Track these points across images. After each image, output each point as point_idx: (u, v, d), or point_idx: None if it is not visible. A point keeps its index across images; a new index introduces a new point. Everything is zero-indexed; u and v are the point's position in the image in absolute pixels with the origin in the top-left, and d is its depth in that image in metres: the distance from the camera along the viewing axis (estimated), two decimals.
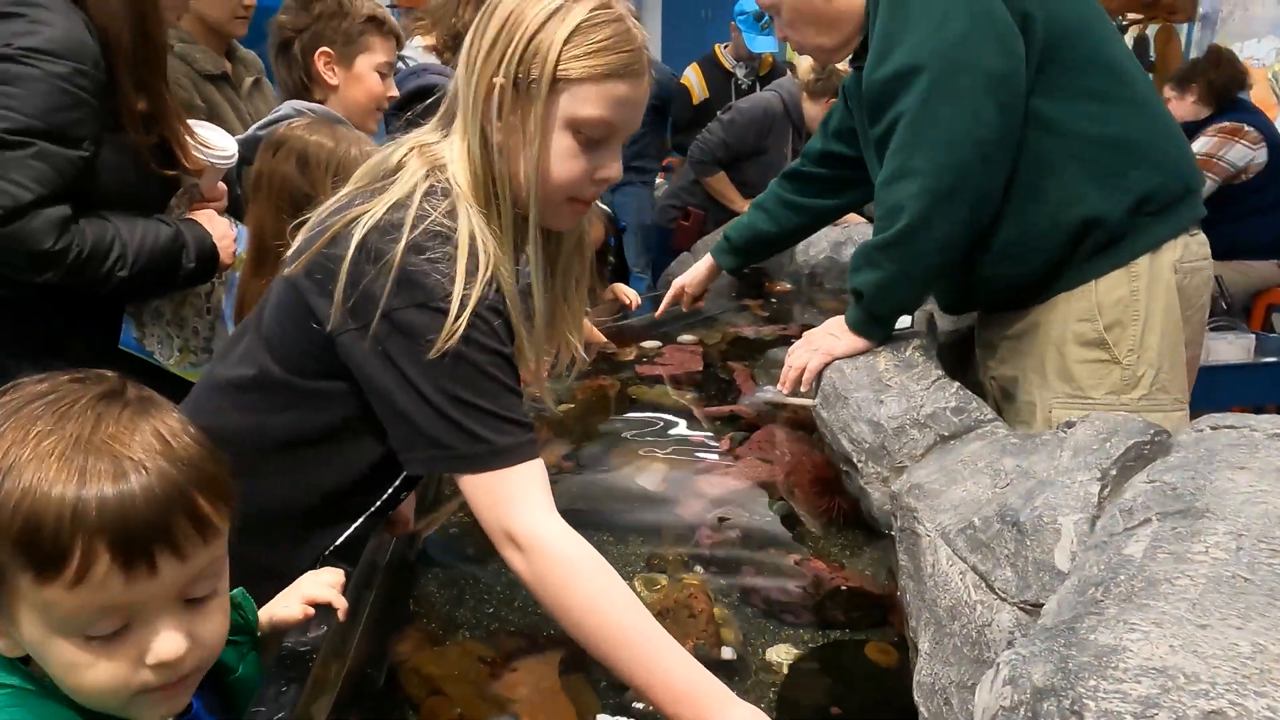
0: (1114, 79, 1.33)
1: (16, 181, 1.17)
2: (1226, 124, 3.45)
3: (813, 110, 3.08)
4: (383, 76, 1.74)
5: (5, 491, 0.53)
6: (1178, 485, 0.69)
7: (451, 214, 0.90)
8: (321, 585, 0.88)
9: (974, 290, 1.47)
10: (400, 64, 2.32)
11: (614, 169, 0.95)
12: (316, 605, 0.87)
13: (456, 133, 0.95)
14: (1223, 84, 3.63)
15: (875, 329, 1.40)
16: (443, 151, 0.95)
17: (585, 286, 1.09)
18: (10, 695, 0.58)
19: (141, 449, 0.57)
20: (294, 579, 0.91)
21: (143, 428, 0.58)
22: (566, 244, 1.05)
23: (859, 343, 1.40)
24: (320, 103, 1.72)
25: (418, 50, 2.37)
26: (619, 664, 0.84)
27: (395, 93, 1.78)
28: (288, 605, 0.86)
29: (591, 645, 0.86)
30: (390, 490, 1.03)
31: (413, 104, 2.24)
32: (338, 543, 1.01)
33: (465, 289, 0.85)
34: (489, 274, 0.88)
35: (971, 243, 1.34)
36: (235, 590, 0.79)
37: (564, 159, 0.92)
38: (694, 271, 2.05)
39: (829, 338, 1.43)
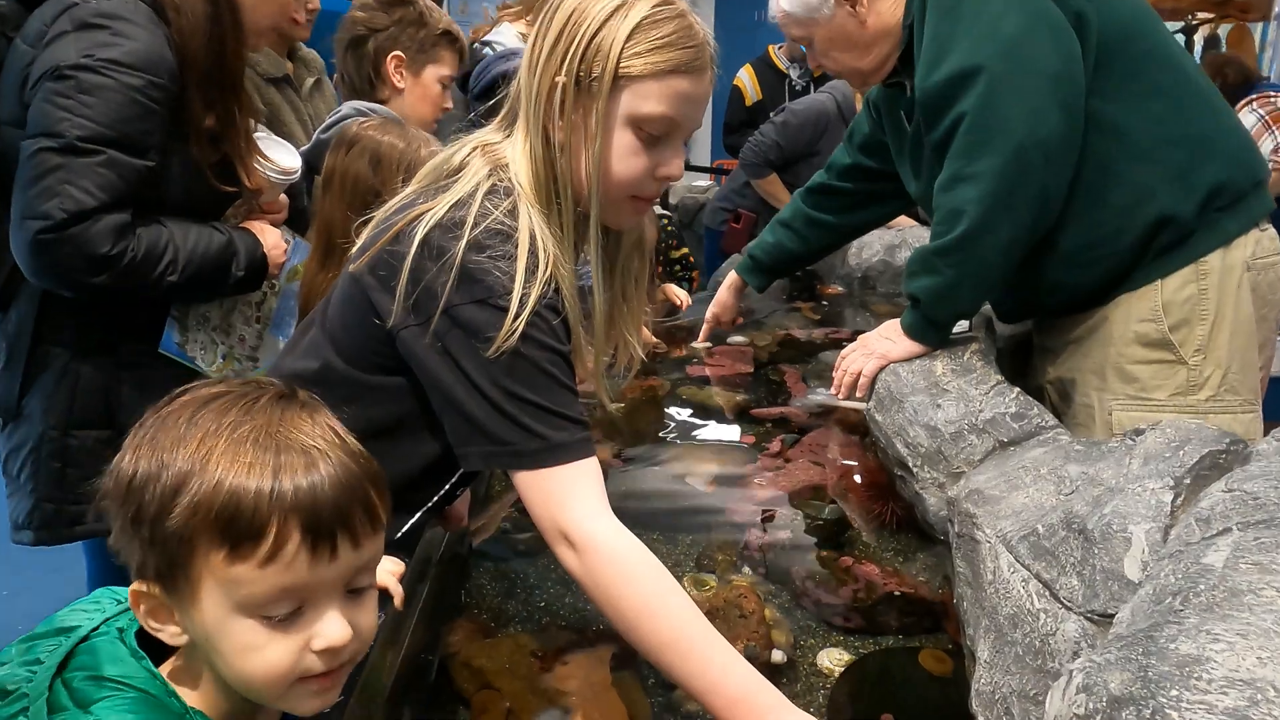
0: (1173, 74, 1.30)
1: (84, 188, 1.21)
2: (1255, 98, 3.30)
3: None
4: (444, 88, 1.79)
5: (207, 475, 0.57)
6: (1260, 495, 0.66)
7: (513, 213, 0.90)
8: (382, 572, 0.88)
9: (1034, 297, 1.43)
10: (485, 49, 2.36)
11: (676, 166, 0.95)
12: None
13: (519, 132, 0.96)
14: (1238, 84, 3.48)
15: (932, 334, 1.37)
16: (505, 151, 0.96)
17: (645, 286, 1.08)
18: (132, 701, 0.59)
19: (324, 441, 0.61)
20: None
21: (320, 423, 0.62)
22: (626, 242, 1.05)
23: (914, 347, 1.38)
24: (382, 103, 1.76)
25: (510, 35, 2.40)
26: (672, 667, 0.83)
27: (450, 104, 1.83)
28: None
29: (645, 647, 0.85)
30: (447, 486, 1.04)
31: (500, 88, 2.28)
32: (395, 537, 1.02)
33: (525, 288, 0.86)
34: (548, 273, 0.88)
35: (1033, 249, 1.30)
36: None
37: (625, 156, 0.92)
38: (720, 296, 2.03)
39: (884, 341, 1.41)
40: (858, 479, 1.46)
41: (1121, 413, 1.31)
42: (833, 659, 1.04)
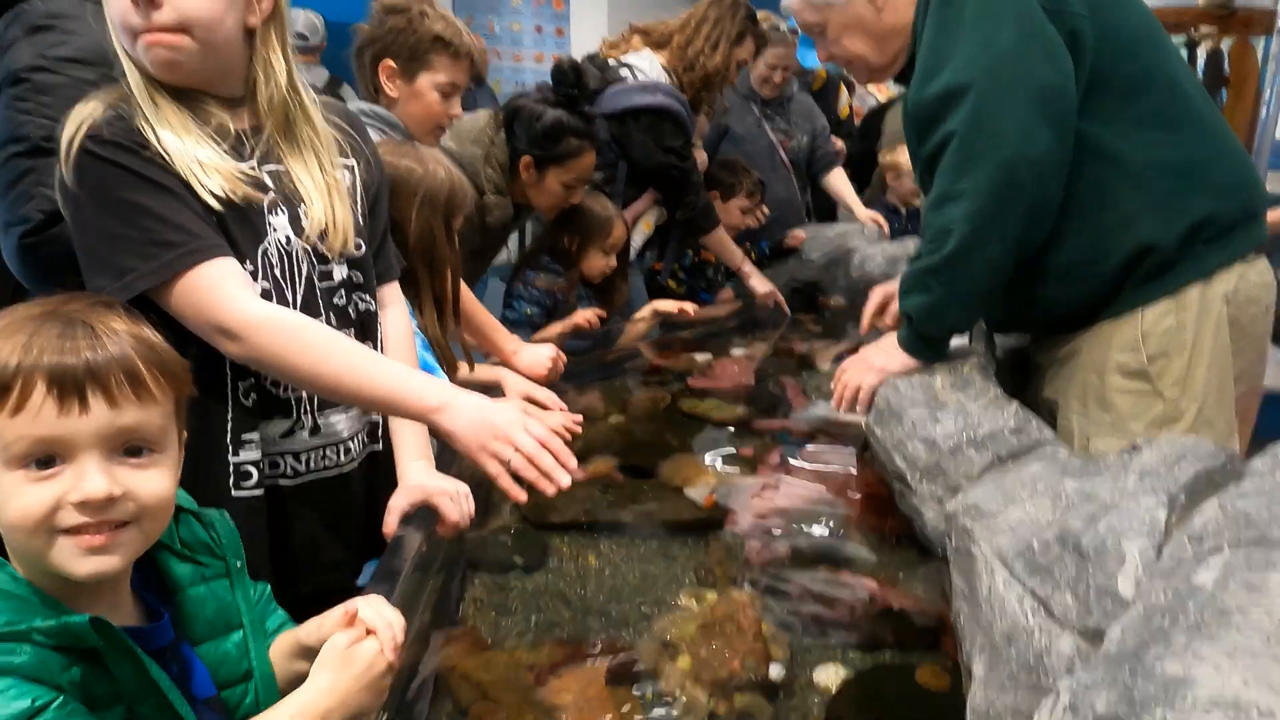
0: (1171, 99, 1.28)
1: (54, 187, 1.22)
2: None
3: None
4: (445, 96, 1.74)
5: None
6: (1251, 513, 0.66)
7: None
8: (372, 611, 0.82)
9: (1022, 310, 1.42)
10: (628, 73, 2.36)
11: None
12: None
13: None
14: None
15: (927, 350, 1.37)
16: None
17: (332, 154, 1.13)
18: None
19: (98, 319, 0.67)
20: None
21: (119, 314, 0.69)
22: (263, 100, 1.07)
23: (911, 362, 1.38)
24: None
25: (654, 64, 2.42)
26: (355, 394, 1.03)
27: (457, 112, 1.79)
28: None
29: (324, 389, 1.03)
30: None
31: (644, 119, 2.24)
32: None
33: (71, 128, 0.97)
34: (99, 111, 0.99)
35: (1021, 264, 1.30)
36: (213, 510, 0.82)
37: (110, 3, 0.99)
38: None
39: (883, 355, 1.41)
40: (857, 493, 1.46)
41: (1099, 441, 1.30)
42: (830, 675, 1.04)
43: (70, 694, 0.62)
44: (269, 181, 1.07)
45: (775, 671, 1.02)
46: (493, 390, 1.61)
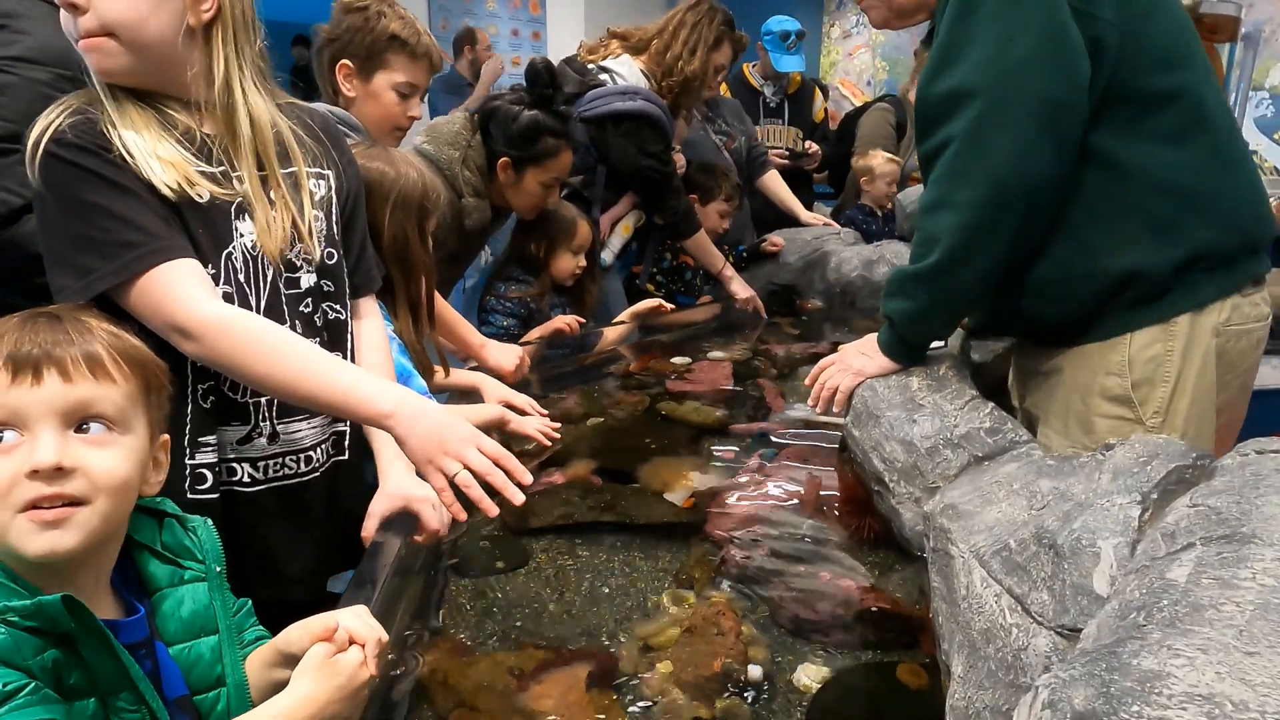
0: (1190, 119, 1.21)
1: (7, 188, 1.21)
2: None
3: None
4: (404, 97, 1.72)
5: None
6: (1223, 510, 0.68)
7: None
8: (354, 619, 0.81)
9: (1002, 319, 1.41)
10: (607, 78, 2.35)
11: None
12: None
13: None
14: None
15: (906, 354, 1.38)
16: None
17: (300, 156, 1.13)
18: None
19: (71, 316, 0.70)
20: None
21: (92, 313, 0.72)
22: (234, 111, 1.07)
23: (889, 365, 1.39)
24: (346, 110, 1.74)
25: (633, 70, 2.41)
26: (310, 397, 1.02)
27: (417, 113, 1.77)
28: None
29: (278, 391, 1.03)
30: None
31: (624, 124, 2.19)
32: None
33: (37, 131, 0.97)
34: (59, 116, 0.98)
35: (1007, 274, 1.28)
36: (196, 517, 0.82)
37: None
38: None
39: (861, 357, 1.42)
40: (835, 494, 1.47)
41: None
42: (810, 675, 1.05)
43: (42, 679, 0.61)
44: (236, 186, 1.06)
45: (755, 673, 1.03)
46: (471, 395, 1.61)
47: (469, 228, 2.02)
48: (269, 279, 1.08)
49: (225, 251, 1.05)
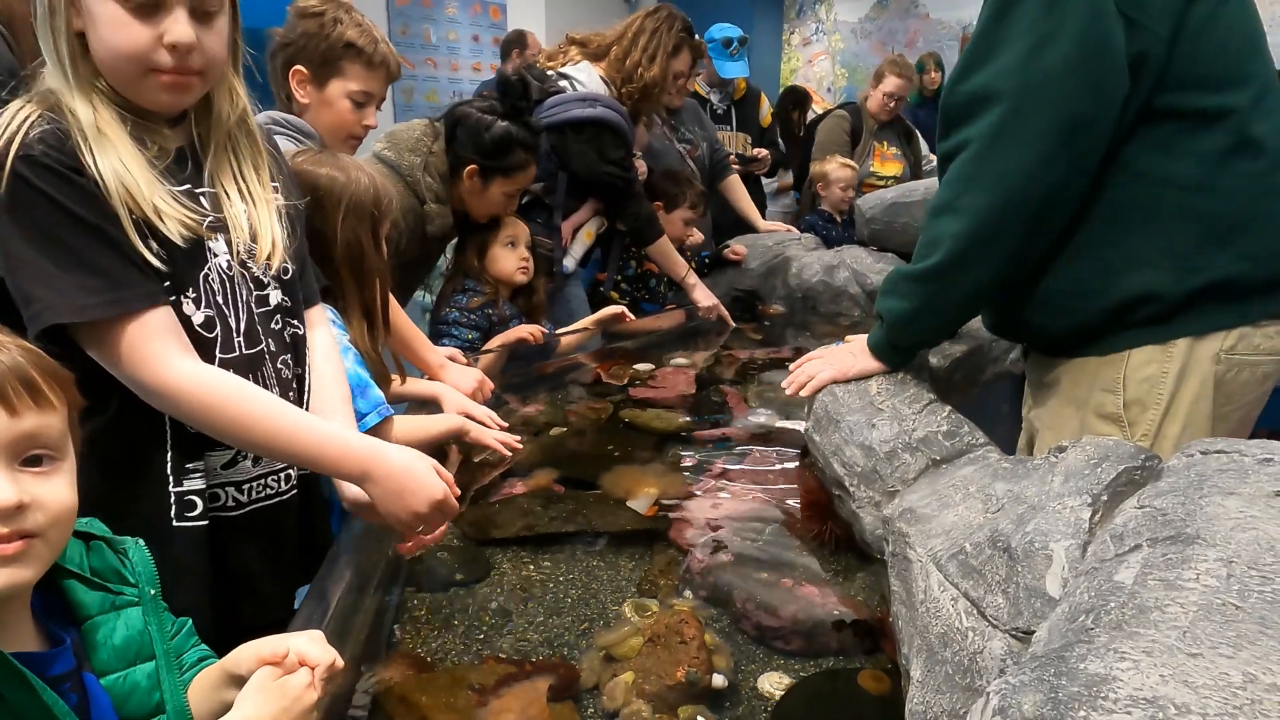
0: (1233, 143, 1.14)
1: None
2: None
3: None
4: (359, 105, 1.69)
5: None
6: (1168, 510, 0.69)
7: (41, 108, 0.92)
8: (306, 642, 0.79)
9: (1013, 327, 1.39)
10: (566, 84, 2.33)
11: (179, 31, 0.92)
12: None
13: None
14: None
15: (892, 355, 1.37)
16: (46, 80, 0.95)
17: (266, 174, 1.10)
18: None
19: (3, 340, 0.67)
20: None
21: (6, 335, 0.69)
22: (220, 127, 1.04)
23: (874, 365, 1.38)
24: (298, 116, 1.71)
25: (591, 76, 2.40)
26: (285, 457, 1.05)
27: (372, 122, 1.75)
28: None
29: (251, 449, 1.05)
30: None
31: (585, 131, 2.17)
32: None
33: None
34: (25, 131, 0.89)
35: (1020, 282, 1.26)
36: (128, 538, 0.80)
37: (117, 28, 0.91)
38: None
39: (847, 356, 1.41)
40: (797, 500, 1.48)
41: None
42: (773, 682, 1.05)
43: None
44: (207, 204, 1.03)
45: (719, 681, 1.02)
46: (430, 406, 1.59)
47: (430, 234, 2.00)
48: (244, 298, 1.05)
49: (202, 273, 1.01)
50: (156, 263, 0.95)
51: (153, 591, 0.78)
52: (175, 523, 1.02)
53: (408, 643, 1.12)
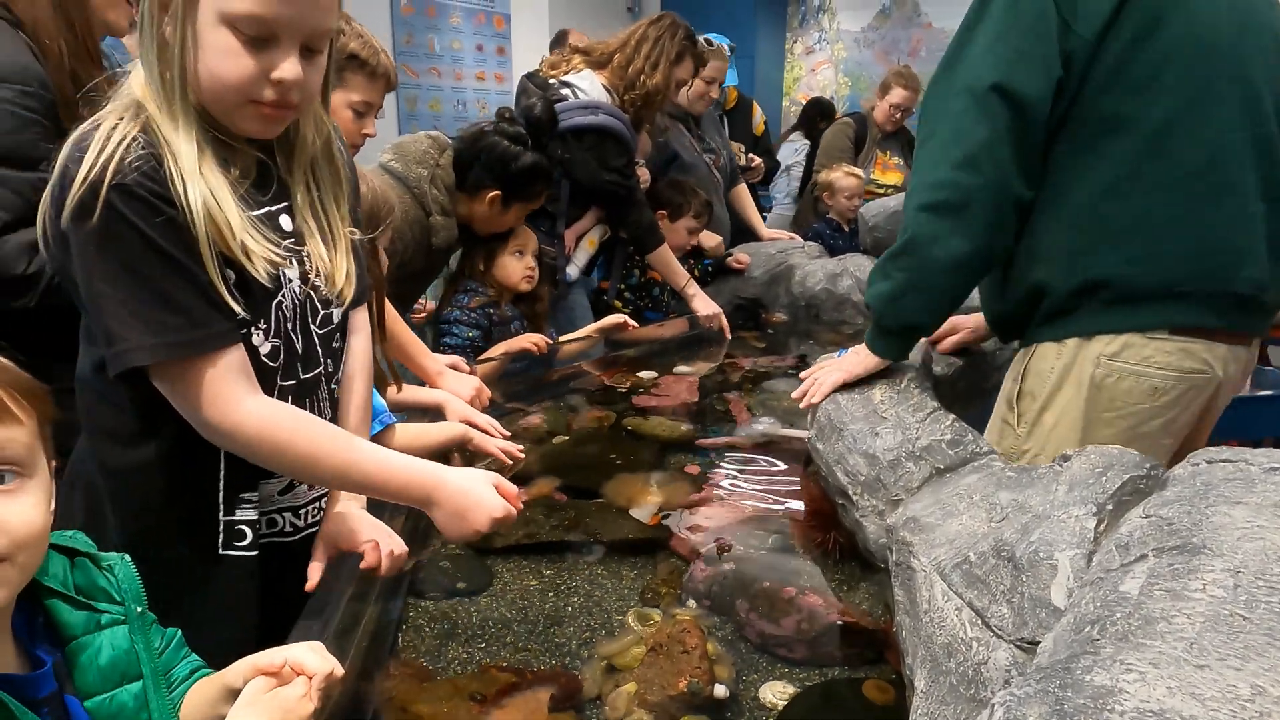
0: (1145, 149, 1.19)
1: None
2: None
3: None
4: (359, 115, 1.70)
5: None
6: (1174, 520, 0.68)
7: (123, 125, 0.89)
8: (313, 653, 0.79)
9: (986, 312, 1.48)
10: (569, 92, 2.34)
11: (288, 69, 0.90)
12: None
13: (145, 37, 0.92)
14: None
15: (883, 344, 1.38)
16: (130, 81, 0.93)
17: (344, 203, 1.08)
18: None
19: None
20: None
21: None
22: (303, 153, 1.03)
23: (871, 361, 1.39)
24: None
25: (594, 84, 2.41)
26: (353, 488, 1.05)
27: (372, 131, 1.75)
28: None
29: (320, 483, 1.07)
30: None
31: (587, 139, 2.18)
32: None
33: (92, 176, 0.85)
34: (115, 161, 0.86)
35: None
36: (114, 554, 0.78)
37: (226, 57, 0.89)
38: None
39: (852, 356, 1.43)
40: (801, 508, 1.47)
41: None
42: (776, 692, 1.04)
43: None
44: (286, 225, 1.01)
45: (721, 691, 1.02)
46: (434, 414, 1.59)
47: (436, 245, 2.01)
48: (310, 322, 1.04)
49: (275, 301, 0.99)
50: (235, 305, 0.92)
51: (139, 609, 0.77)
52: (222, 550, 1.00)
53: (409, 652, 1.11)
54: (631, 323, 2.32)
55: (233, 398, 0.92)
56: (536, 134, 2.10)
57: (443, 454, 1.50)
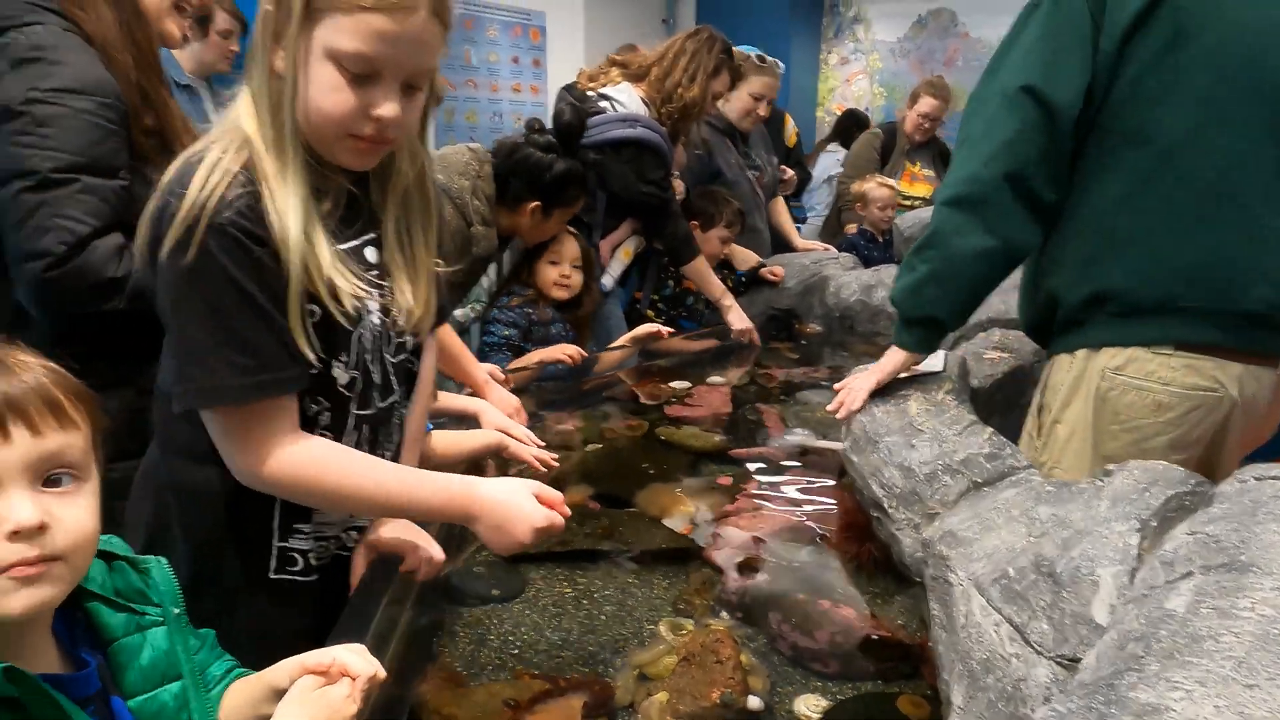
0: (1159, 164, 1.19)
1: (72, 217, 1.22)
2: None
3: None
4: None
5: None
6: (1221, 537, 0.67)
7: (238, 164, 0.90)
8: (357, 655, 0.80)
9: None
10: (607, 105, 2.39)
11: (388, 108, 0.91)
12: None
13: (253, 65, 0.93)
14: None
15: (906, 336, 1.38)
16: (237, 110, 0.94)
17: (433, 235, 1.08)
18: None
19: (27, 360, 0.67)
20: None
21: (19, 345, 0.69)
22: (396, 185, 1.03)
23: (898, 357, 1.40)
24: None
25: (632, 97, 2.44)
26: (391, 512, 1.06)
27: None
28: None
29: (359, 513, 1.07)
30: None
31: (625, 151, 2.22)
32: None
33: (194, 213, 0.86)
34: (215, 199, 0.87)
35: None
36: (150, 557, 0.80)
37: (328, 91, 0.90)
38: None
39: (883, 359, 1.44)
40: (835, 520, 1.46)
41: None
42: (809, 705, 1.03)
43: None
44: (371, 256, 1.02)
45: (754, 703, 1.01)
46: (469, 421, 1.60)
47: (476, 255, 2.04)
48: (386, 351, 1.05)
49: (356, 334, 1.00)
50: (308, 352, 0.93)
51: (176, 611, 0.79)
52: (271, 575, 1.02)
53: (444, 657, 1.12)
54: (666, 330, 2.33)
55: (280, 444, 0.92)
56: (566, 140, 2.12)
57: (477, 461, 1.51)
